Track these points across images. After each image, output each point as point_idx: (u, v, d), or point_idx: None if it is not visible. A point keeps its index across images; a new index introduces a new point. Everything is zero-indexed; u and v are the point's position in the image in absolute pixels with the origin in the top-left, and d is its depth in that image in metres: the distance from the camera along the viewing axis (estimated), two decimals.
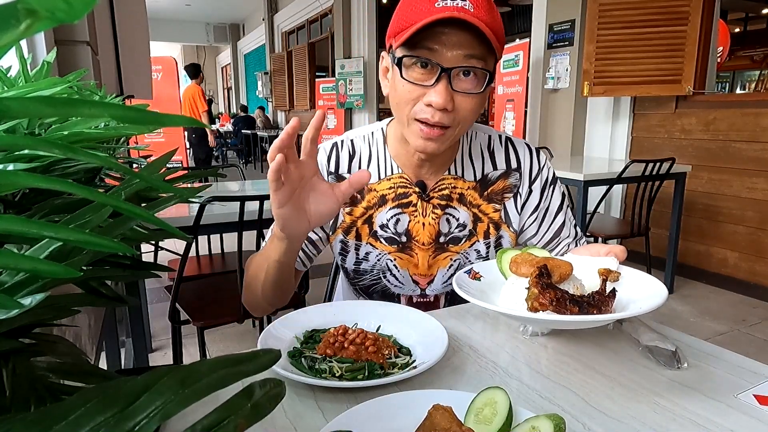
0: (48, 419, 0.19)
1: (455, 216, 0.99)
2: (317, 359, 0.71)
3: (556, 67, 4.36)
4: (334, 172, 1.01)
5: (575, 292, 0.73)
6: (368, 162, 1.01)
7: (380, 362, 0.71)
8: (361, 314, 0.84)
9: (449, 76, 0.81)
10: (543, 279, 0.68)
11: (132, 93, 2.03)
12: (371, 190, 1.00)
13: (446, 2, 0.78)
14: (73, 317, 0.72)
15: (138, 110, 0.19)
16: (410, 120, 0.86)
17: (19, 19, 0.14)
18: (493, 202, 1.01)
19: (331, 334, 0.75)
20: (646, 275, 0.78)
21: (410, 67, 0.83)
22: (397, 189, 0.99)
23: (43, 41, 1.12)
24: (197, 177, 0.74)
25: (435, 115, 0.83)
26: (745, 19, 8.64)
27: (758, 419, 0.60)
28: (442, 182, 0.99)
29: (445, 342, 0.73)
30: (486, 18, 0.79)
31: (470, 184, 1.00)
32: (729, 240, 3.41)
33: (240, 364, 0.22)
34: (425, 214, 0.98)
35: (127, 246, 0.24)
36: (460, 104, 0.83)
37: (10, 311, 0.26)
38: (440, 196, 0.99)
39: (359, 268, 1.03)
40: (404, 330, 0.81)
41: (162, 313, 2.59)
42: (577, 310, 0.65)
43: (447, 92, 0.81)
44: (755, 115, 3.19)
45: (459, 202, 0.99)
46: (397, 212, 0.98)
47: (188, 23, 14.78)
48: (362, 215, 1.00)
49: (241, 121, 11.29)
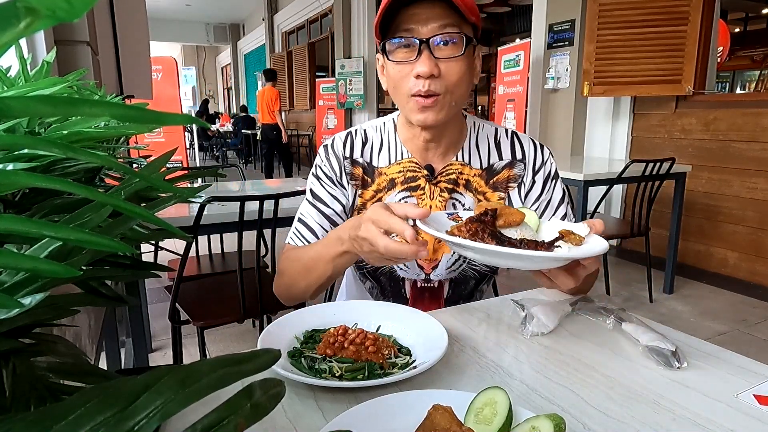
0: (48, 419, 0.19)
1: (461, 201, 1.03)
2: (317, 359, 0.71)
3: (556, 67, 4.36)
4: (349, 157, 1.06)
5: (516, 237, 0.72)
6: (380, 148, 1.06)
7: (380, 362, 0.70)
8: (361, 314, 0.84)
9: (429, 47, 0.88)
10: (483, 217, 0.67)
11: (132, 93, 2.03)
12: (381, 173, 1.05)
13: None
14: (73, 317, 0.72)
15: (138, 109, 0.19)
16: (407, 98, 0.93)
17: (19, 18, 0.14)
18: (498, 191, 1.05)
19: (331, 334, 0.75)
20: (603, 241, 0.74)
21: (394, 51, 0.91)
22: (406, 173, 1.03)
23: (42, 41, 1.12)
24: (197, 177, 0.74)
25: (425, 84, 0.89)
26: (745, 19, 8.64)
27: (758, 419, 0.60)
28: (450, 167, 1.03)
29: (444, 342, 0.73)
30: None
31: (476, 171, 1.04)
32: (729, 240, 3.41)
33: (240, 364, 0.22)
34: (432, 197, 1.02)
35: (127, 246, 0.24)
36: (446, 70, 0.90)
37: (10, 311, 0.26)
38: (447, 180, 1.03)
39: None
40: (404, 330, 0.81)
41: (162, 313, 2.59)
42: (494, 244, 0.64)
43: (430, 60, 0.88)
44: (755, 115, 3.19)
45: (465, 188, 1.03)
46: (405, 195, 1.03)
47: (188, 23, 14.78)
48: (372, 198, 1.04)
49: (241, 121, 11.29)
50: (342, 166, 1.05)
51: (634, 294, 3.27)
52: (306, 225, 1.04)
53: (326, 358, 0.71)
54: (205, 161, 11.89)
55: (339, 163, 1.05)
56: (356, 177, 1.05)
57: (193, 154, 10.14)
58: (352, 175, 1.05)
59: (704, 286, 3.46)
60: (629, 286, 3.40)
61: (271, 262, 1.87)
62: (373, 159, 1.05)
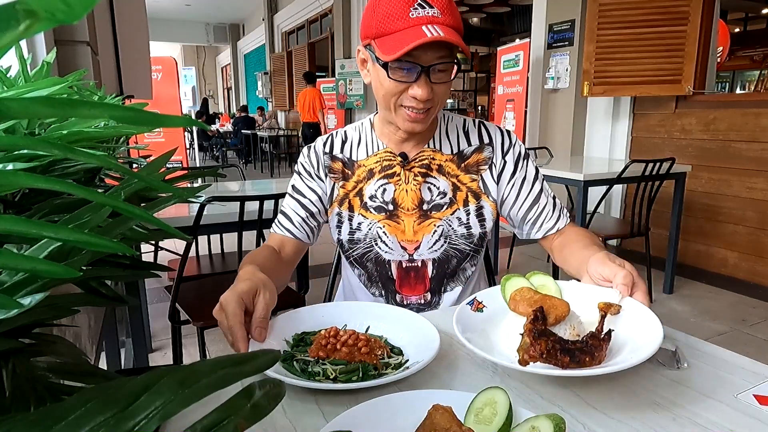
0: (48, 419, 0.19)
1: (435, 185, 1.11)
2: (310, 362, 0.71)
3: (556, 67, 4.36)
4: (329, 153, 1.15)
5: (571, 332, 0.73)
6: (358, 144, 1.15)
7: (374, 363, 0.70)
8: (351, 315, 0.84)
9: (428, 73, 0.96)
10: (537, 325, 0.68)
11: (132, 93, 2.03)
12: (360, 165, 1.13)
13: (418, 12, 0.92)
14: (73, 317, 0.72)
15: (137, 111, 0.19)
16: (397, 107, 1.01)
17: (18, 20, 0.14)
18: (470, 173, 1.12)
19: (323, 336, 0.74)
20: (647, 310, 0.74)
21: (394, 69, 0.97)
22: (383, 162, 1.12)
23: (42, 41, 1.12)
24: (197, 177, 0.74)
25: (419, 104, 0.98)
26: (745, 19, 8.64)
27: (758, 419, 0.60)
28: (422, 153, 1.11)
29: (436, 340, 0.73)
30: (452, 21, 0.94)
31: (448, 156, 1.12)
32: (729, 240, 3.41)
33: (240, 365, 0.22)
34: (407, 181, 1.11)
35: (126, 246, 0.24)
36: (437, 90, 0.99)
37: (10, 311, 0.26)
38: (421, 165, 1.11)
39: (353, 237, 1.14)
40: (394, 330, 0.81)
41: (162, 313, 2.59)
42: (568, 360, 0.64)
43: (427, 86, 0.96)
44: (755, 115, 3.19)
45: (438, 172, 1.11)
46: (383, 182, 1.11)
47: (188, 23, 14.78)
48: (353, 188, 1.13)
49: (241, 121, 11.29)
50: (320, 160, 1.14)
51: None
52: (285, 215, 1.14)
53: (319, 361, 0.71)
54: (204, 161, 11.89)
55: (318, 157, 1.14)
56: (335, 171, 1.14)
57: (193, 154, 10.13)
58: (330, 168, 1.13)
59: (704, 286, 3.46)
60: None
61: None
62: (353, 154, 1.14)
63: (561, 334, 0.70)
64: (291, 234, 1.12)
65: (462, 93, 11.85)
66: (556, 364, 0.65)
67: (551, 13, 4.36)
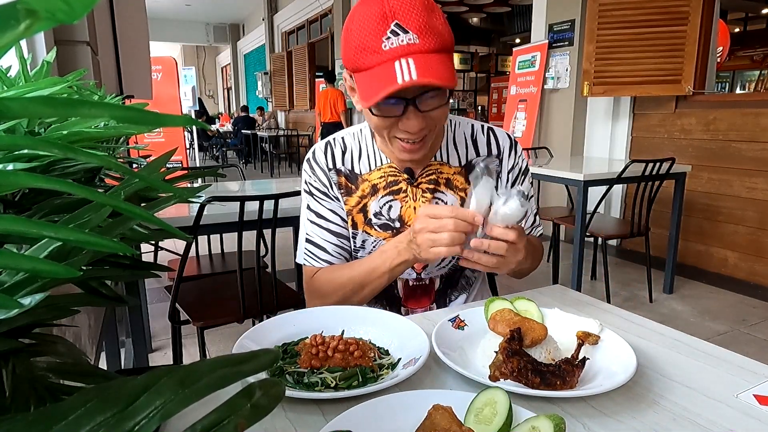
0: (48, 419, 0.19)
1: (443, 200, 1.05)
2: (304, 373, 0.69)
3: (556, 67, 4.36)
4: (333, 167, 1.07)
5: (546, 356, 0.73)
6: (359, 155, 1.07)
7: (369, 366, 0.70)
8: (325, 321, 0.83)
9: (415, 104, 0.87)
10: (512, 344, 0.68)
11: (132, 93, 2.03)
12: (364, 180, 1.06)
13: (392, 41, 0.81)
14: (73, 317, 0.72)
15: (138, 110, 0.19)
16: (391, 138, 0.94)
17: (18, 20, 0.14)
18: None
19: (310, 345, 0.72)
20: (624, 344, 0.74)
21: (378, 107, 0.88)
22: (387, 177, 1.05)
23: (42, 41, 1.11)
24: (197, 177, 0.74)
25: (412, 136, 0.90)
26: (745, 19, 8.64)
27: (758, 419, 0.60)
28: (429, 168, 1.05)
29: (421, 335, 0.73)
30: (433, 44, 0.82)
31: (455, 169, 1.06)
32: (729, 240, 3.41)
33: (240, 364, 0.22)
34: (415, 198, 1.04)
35: (126, 246, 0.24)
36: (431, 117, 0.90)
37: (10, 311, 0.26)
38: (428, 181, 1.04)
39: (357, 256, 1.08)
40: (374, 332, 0.81)
41: (162, 313, 2.59)
42: (538, 381, 0.65)
43: (417, 117, 0.87)
44: (755, 115, 3.19)
45: (446, 186, 1.05)
46: (389, 199, 1.04)
47: (188, 23, 14.77)
48: (357, 204, 1.06)
49: (241, 121, 11.29)
50: (329, 177, 1.06)
51: (633, 294, 3.27)
52: (316, 245, 1.07)
53: (314, 371, 0.69)
54: (204, 161, 11.88)
55: (325, 175, 1.06)
56: (342, 186, 1.06)
57: (193, 154, 10.13)
58: (339, 184, 1.06)
59: (704, 286, 3.46)
60: (629, 286, 3.40)
61: (271, 263, 1.87)
62: (355, 166, 1.06)
63: (536, 357, 0.70)
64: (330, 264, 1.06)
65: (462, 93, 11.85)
66: (526, 384, 0.65)
67: (551, 13, 4.36)
